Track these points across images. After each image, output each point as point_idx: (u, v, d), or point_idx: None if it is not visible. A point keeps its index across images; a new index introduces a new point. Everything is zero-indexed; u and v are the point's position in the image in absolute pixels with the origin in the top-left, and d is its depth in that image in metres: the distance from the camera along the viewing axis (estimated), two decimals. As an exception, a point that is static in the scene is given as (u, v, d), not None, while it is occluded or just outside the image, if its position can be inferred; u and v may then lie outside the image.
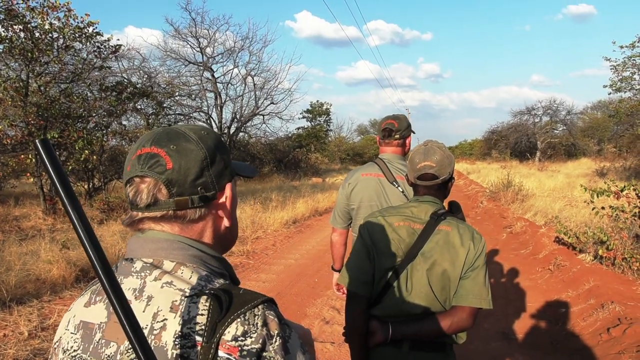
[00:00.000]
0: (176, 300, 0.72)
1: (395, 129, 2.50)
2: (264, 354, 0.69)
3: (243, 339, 0.68)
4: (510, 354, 3.85)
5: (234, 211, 0.90)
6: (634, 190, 5.60)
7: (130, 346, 0.66)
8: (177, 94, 18.83)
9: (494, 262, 6.77)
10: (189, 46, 21.74)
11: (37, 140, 0.56)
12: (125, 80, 14.64)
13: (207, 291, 0.72)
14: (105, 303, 0.78)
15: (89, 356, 0.75)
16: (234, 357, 0.67)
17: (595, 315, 4.14)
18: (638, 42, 15.56)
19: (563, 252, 6.35)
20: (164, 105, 17.87)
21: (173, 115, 20.44)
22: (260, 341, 0.69)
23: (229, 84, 23.26)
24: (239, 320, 0.69)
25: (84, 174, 12.07)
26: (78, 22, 9.59)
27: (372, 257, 1.71)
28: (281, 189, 16.74)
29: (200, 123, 22.26)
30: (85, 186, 12.07)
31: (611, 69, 16.70)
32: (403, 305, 1.66)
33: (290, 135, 29.23)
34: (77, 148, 9.12)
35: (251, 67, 23.17)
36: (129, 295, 0.74)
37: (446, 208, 1.78)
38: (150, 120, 16.29)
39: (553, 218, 8.76)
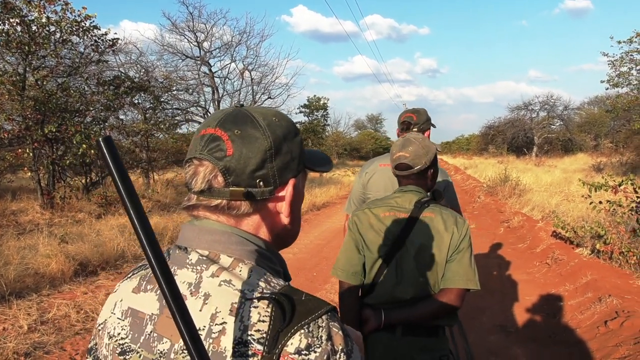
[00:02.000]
0: (235, 302, 0.67)
1: (414, 122, 2.58)
2: None
3: (307, 352, 0.63)
4: (508, 347, 3.88)
5: (297, 208, 0.84)
6: (632, 184, 5.62)
7: (183, 347, 0.64)
8: (174, 88, 18.74)
9: (492, 256, 6.80)
10: (186, 40, 21.65)
11: (100, 139, 0.53)
12: (122, 74, 14.58)
13: (268, 295, 0.67)
14: (157, 294, 0.73)
15: (139, 347, 0.72)
16: None
17: (592, 309, 4.17)
18: (635, 37, 15.58)
19: (560, 246, 6.39)
20: (162, 99, 17.81)
21: (170, 110, 20.39)
22: (325, 357, 0.64)
23: (227, 79, 23.18)
24: (302, 331, 0.64)
25: (81, 168, 12.05)
26: (75, 16, 9.55)
27: (361, 249, 1.80)
28: (279, 183, 16.72)
29: (198, 118, 22.28)
30: (83, 181, 12.06)
31: (609, 64, 16.73)
32: (394, 292, 1.73)
33: (287, 130, 29.13)
34: (74, 142, 9.09)
35: (248, 61, 23.10)
36: (183, 289, 0.70)
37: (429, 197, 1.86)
38: (147, 115, 16.25)
39: (550, 212, 8.81)
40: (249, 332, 0.64)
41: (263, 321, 0.65)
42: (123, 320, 0.76)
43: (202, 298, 0.68)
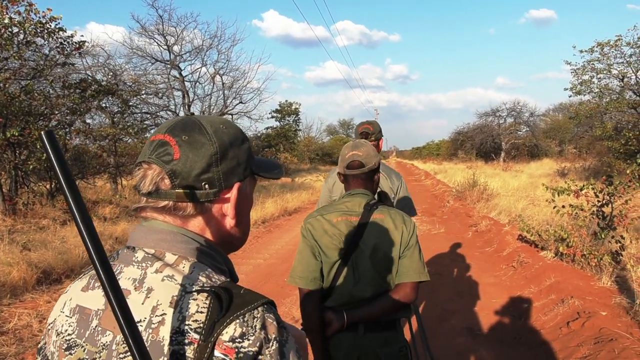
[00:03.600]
0: (176, 295, 0.71)
1: (371, 132, 2.83)
2: (260, 357, 0.68)
3: (240, 340, 0.68)
4: (475, 349, 3.95)
5: (244, 212, 0.88)
6: (592, 189, 5.82)
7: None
8: (143, 92, 18.44)
9: (460, 261, 6.92)
10: (155, 44, 21.36)
11: (42, 133, 0.55)
12: (89, 77, 14.27)
13: (207, 288, 0.71)
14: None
15: (84, 342, 0.75)
16: (230, 359, 0.67)
17: (555, 310, 4.28)
18: (597, 47, 16.16)
19: (526, 250, 6.55)
20: (130, 103, 17.50)
21: (139, 114, 20.05)
22: (258, 344, 0.68)
23: (197, 83, 22.95)
24: (237, 321, 0.68)
25: (45, 173, 11.72)
26: (39, 17, 9.31)
27: (317, 254, 1.85)
28: (250, 188, 16.60)
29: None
30: (47, 186, 11.72)
31: (571, 72, 17.28)
32: (353, 292, 1.80)
33: (259, 135, 29.03)
34: (37, 147, 8.84)
35: (219, 65, 22.91)
36: (128, 284, 0.74)
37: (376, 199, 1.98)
38: (115, 119, 15.92)
39: (516, 217, 9.01)
40: (187, 322, 0.68)
41: (201, 312, 0.69)
42: (71, 318, 0.79)
43: (144, 292, 0.72)
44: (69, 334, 0.77)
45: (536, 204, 12.08)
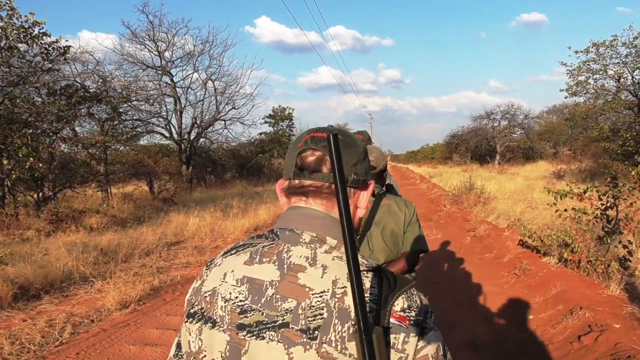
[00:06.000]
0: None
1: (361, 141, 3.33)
2: (424, 324, 0.83)
3: (409, 311, 0.82)
4: (480, 365, 3.68)
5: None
6: (597, 191, 5.57)
7: (311, 304, 0.82)
8: (133, 98, 18.09)
9: (459, 268, 6.66)
10: (146, 50, 21.05)
11: (330, 134, 0.65)
12: (77, 83, 13.93)
13: (372, 268, 0.86)
14: (276, 265, 0.88)
15: (260, 307, 0.85)
16: (404, 325, 0.80)
17: (564, 322, 4.02)
18: (592, 47, 15.99)
19: (527, 256, 6.29)
20: (120, 110, 17.16)
21: (131, 121, 19.71)
22: (422, 315, 0.83)
23: (189, 89, 22.64)
24: (404, 296, 0.83)
25: (32, 182, 11.39)
26: (22, 22, 9.02)
27: None
28: (243, 195, 16.34)
29: (159, 129, 21.65)
30: (35, 196, 11.38)
31: (567, 73, 17.10)
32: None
33: (252, 140, 28.73)
34: (20, 155, 8.52)
35: (211, 71, 22.65)
36: (302, 261, 0.87)
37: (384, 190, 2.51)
38: (105, 127, 15.53)
39: (515, 221, 8.77)
40: (366, 295, 0.80)
41: (374, 287, 0.83)
42: (239, 287, 0.89)
43: (320, 268, 0.86)
44: (241, 300, 0.87)
45: (534, 207, 11.87)
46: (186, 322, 0.94)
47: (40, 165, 8.70)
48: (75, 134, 12.71)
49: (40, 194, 11.59)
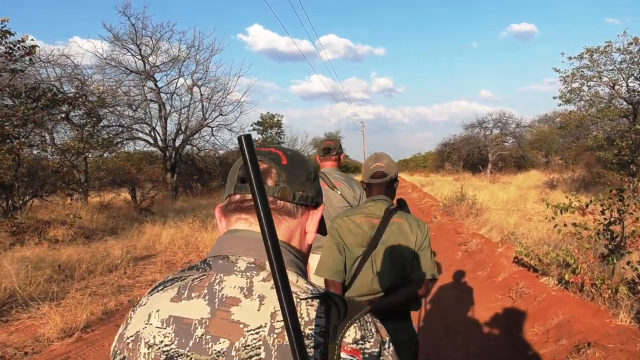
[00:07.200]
0: None
1: (332, 147, 3.18)
2: (381, 357, 0.74)
3: (362, 342, 0.73)
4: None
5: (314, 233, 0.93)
6: (601, 204, 5.02)
7: (246, 344, 0.71)
8: (113, 102, 17.41)
9: (450, 288, 6.08)
10: (130, 54, 20.40)
11: (241, 136, 0.56)
12: (54, 86, 13.26)
13: (318, 295, 0.75)
14: (206, 300, 0.76)
15: (188, 351, 0.74)
16: (357, 359, 0.71)
17: (570, 362, 3.43)
18: (586, 53, 15.58)
19: (523, 275, 5.73)
20: (100, 115, 16.49)
21: (114, 127, 19.02)
22: (378, 346, 0.74)
23: (174, 94, 22.01)
24: (356, 325, 0.73)
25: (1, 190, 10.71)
26: (-18, 20, 8.43)
27: (342, 250, 2.12)
28: (227, 204, 15.70)
29: (143, 135, 20.97)
30: (4, 205, 10.69)
31: (560, 80, 16.66)
32: (372, 285, 2.06)
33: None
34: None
35: (198, 76, 22.04)
36: (236, 293, 0.75)
37: (395, 205, 2.22)
38: (85, 133, 14.78)
39: (509, 234, 8.22)
40: (310, 327, 0.72)
41: (320, 317, 0.74)
42: (165, 328, 0.77)
43: (257, 300, 0.75)
44: (166, 345, 0.75)
45: (528, 218, 11.38)
46: None
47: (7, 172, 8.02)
48: (44, 138, 12.01)
49: (10, 202, 10.93)
